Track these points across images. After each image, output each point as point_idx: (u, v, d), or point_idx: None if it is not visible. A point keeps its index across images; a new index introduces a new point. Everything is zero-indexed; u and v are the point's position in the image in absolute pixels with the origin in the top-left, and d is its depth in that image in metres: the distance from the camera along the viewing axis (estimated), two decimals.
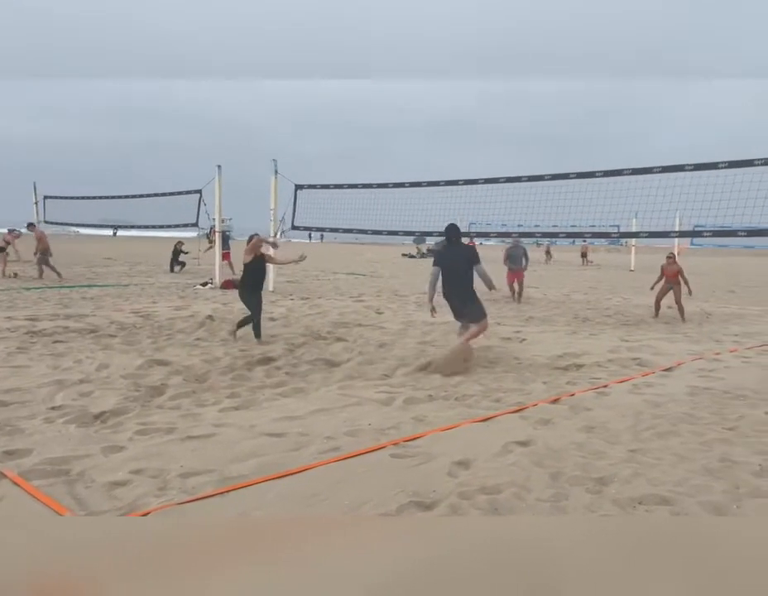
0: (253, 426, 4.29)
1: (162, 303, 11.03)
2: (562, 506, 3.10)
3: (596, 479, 3.43)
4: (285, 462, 3.63)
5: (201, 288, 13.98)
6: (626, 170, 9.71)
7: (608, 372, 6.28)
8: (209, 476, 3.40)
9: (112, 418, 4.42)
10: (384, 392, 5.28)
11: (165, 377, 5.56)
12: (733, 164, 8.73)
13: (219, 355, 6.49)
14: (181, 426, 4.26)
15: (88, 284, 14.38)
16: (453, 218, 12.03)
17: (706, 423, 4.53)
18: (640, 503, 3.14)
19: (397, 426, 4.36)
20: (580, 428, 4.37)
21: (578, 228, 11.90)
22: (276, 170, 13.69)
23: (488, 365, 6.52)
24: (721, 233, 11.06)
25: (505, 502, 3.12)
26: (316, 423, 4.40)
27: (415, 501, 3.11)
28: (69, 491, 3.17)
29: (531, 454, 3.81)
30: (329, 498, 3.15)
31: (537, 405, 4.95)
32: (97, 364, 5.94)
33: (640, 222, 11.79)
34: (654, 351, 7.46)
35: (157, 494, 3.16)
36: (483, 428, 4.38)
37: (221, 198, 14.47)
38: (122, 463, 3.55)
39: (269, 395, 5.19)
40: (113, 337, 7.45)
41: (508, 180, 10.99)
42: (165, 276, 17.33)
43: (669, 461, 3.73)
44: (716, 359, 7.02)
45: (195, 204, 15.21)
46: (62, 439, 3.94)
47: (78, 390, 5.06)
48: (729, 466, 3.66)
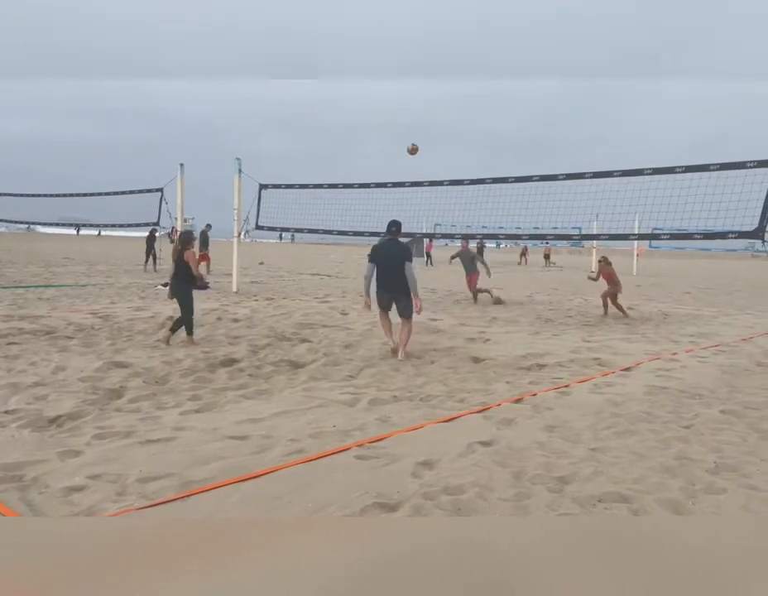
0: (215, 429, 4.23)
1: (122, 304, 10.80)
2: (524, 505, 3.14)
3: (557, 478, 3.48)
4: (249, 465, 3.58)
5: (162, 288, 13.73)
6: (588, 174, 9.90)
7: (570, 372, 6.38)
8: (170, 480, 3.33)
9: (69, 422, 4.29)
10: (349, 393, 5.27)
11: (125, 379, 5.44)
12: (690, 168, 8.98)
13: (180, 357, 6.38)
14: (141, 430, 4.17)
15: (45, 284, 13.98)
16: (419, 219, 12.07)
17: (663, 422, 4.64)
18: (599, 501, 3.20)
19: (362, 427, 4.35)
20: (542, 427, 4.43)
21: (541, 229, 12.07)
22: (240, 168, 13.54)
23: (452, 366, 6.57)
24: (678, 236, 11.36)
25: (468, 502, 3.14)
26: (280, 425, 4.36)
27: (379, 502, 3.10)
28: (22, 497, 3.07)
29: (494, 454, 3.84)
30: (293, 501, 3.12)
31: (500, 405, 5.00)
32: (53, 367, 5.77)
33: (601, 224, 12.05)
34: (613, 351, 7.62)
35: (115, 499, 3.08)
36: (447, 428, 4.40)
37: (183, 197, 14.24)
38: (78, 468, 3.45)
39: (232, 397, 5.12)
40: (71, 338, 7.26)
41: (473, 182, 11.09)
42: (125, 276, 16.98)
43: (628, 459, 3.81)
44: (673, 359, 7.21)
45: (157, 203, 14.94)
46: (15, 444, 3.81)
47: (32, 393, 4.91)
48: (685, 464, 3.75)
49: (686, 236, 10.27)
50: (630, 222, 10.50)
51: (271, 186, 13.57)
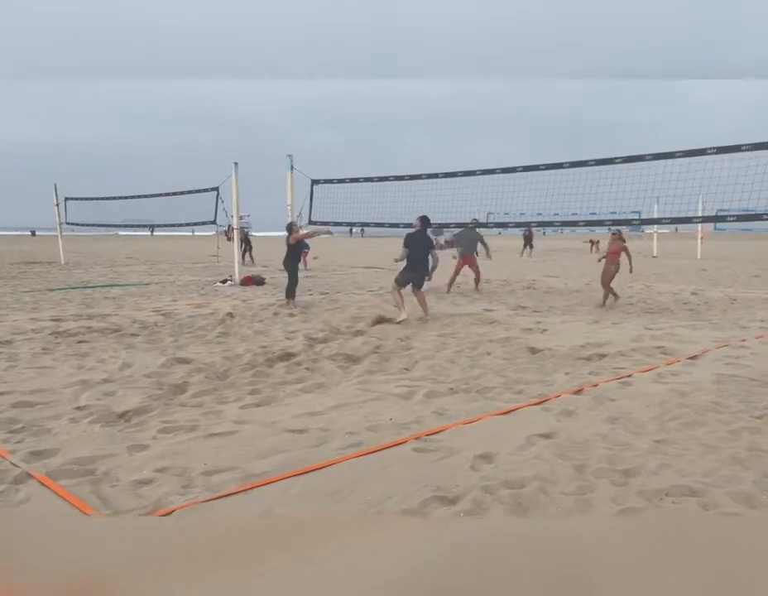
0: (275, 422, 4.30)
1: (182, 301, 11.12)
2: (587, 499, 3.06)
3: (621, 471, 3.38)
4: (308, 458, 3.63)
5: (221, 285, 14.07)
6: (648, 156, 9.55)
7: (632, 362, 6.19)
8: (232, 473, 3.41)
9: (136, 417, 4.46)
10: (404, 386, 5.27)
11: (187, 374, 5.60)
12: (758, 146, 8.53)
13: (240, 352, 6.52)
14: (203, 424, 4.29)
15: (110, 283, 14.56)
16: (472, 209, 11.96)
17: (733, 411, 4.44)
18: (667, 495, 3.09)
19: (419, 420, 4.34)
20: (604, 419, 4.31)
21: (598, 215, 11.72)
22: (292, 165, 13.69)
23: (509, 357, 6.47)
24: (745, 217, 10.82)
25: (529, 496, 3.09)
26: (338, 418, 4.40)
27: (438, 495, 3.09)
28: (94, 490, 3.21)
29: (555, 447, 3.76)
30: (352, 494, 3.14)
31: (560, 396, 4.90)
32: (120, 363, 6.00)
33: (662, 208, 11.61)
34: (678, 339, 7.34)
35: (181, 492, 3.18)
36: (506, 421, 4.34)
37: (238, 195, 14.52)
38: (146, 462, 3.57)
39: (290, 391, 5.20)
40: (136, 336, 7.53)
41: (525, 170, 10.86)
42: (186, 274, 17.48)
43: (697, 451, 3.67)
44: (742, 346, 6.89)
45: (213, 202, 15.28)
46: (87, 439, 3.98)
47: (102, 389, 5.12)
48: (758, 455, 3.59)
49: (754, 217, 9.77)
50: (693, 204, 10.07)
51: (323, 182, 13.68)
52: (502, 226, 14.20)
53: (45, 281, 15.32)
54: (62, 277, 16.33)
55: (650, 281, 14.72)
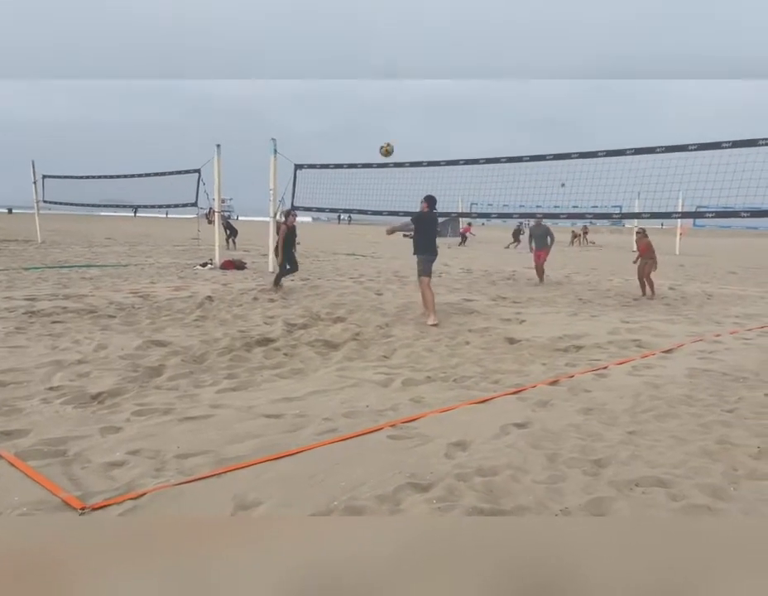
0: (251, 407, 4.28)
1: (161, 283, 11.00)
2: (558, 487, 3.09)
3: (593, 461, 3.42)
4: (283, 443, 3.62)
5: (201, 268, 13.94)
6: (629, 150, 9.61)
7: (608, 354, 6.26)
8: (206, 457, 3.39)
9: (110, 399, 4.41)
10: (382, 374, 5.27)
11: (164, 357, 5.55)
12: (737, 143, 8.63)
13: (218, 336, 6.47)
14: (179, 407, 4.25)
15: (88, 264, 14.35)
16: (455, 199, 11.98)
17: (705, 405, 4.52)
18: (636, 485, 3.14)
19: (395, 408, 4.35)
20: (578, 410, 4.36)
21: (579, 208, 11.80)
22: (276, 149, 13.56)
23: (487, 346, 6.51)
24: (724, 214, 10.96)
25: (501, 484, 3.11)
26: (314, 404, 4.40)
27: (412, 482, 3.10)
28: (65, 472, 3.16)
29: (529, 436, 3.80)
30: (326, 480, 3.14)
31: (536, 386, 4.94)
32: (95, 345, 5.92)
33: (643, 202, 11.71)
34: (654, 333, 7.44)
35: (154, 475, 3.15)
36: (481, 409, 4.37)
37: (220, 177, 14.36)
38: (118, 444, 3.54)
39: (267, 376, 5.18)
40: (112, 317, 7.43)
41: (509, 160, 10.87)
42: (165, 257, 17.29)
43: (667, 443, 3.73)
44: (716, 341, 7.00)
45: (194, 184, 15.09)
46: (59, 420, 3.93)
47: (76, 370, 5.05)
48: (727, 448, 3.65)
49: (732, 214, 9.91)
50: (673, 200, 10.18)
51: (306, 166, 13.57)
52: (485, 216, 14.24)
53: (21, 259, 15.05)
54: (38, 256, 16.06)
55: (628, 275, 14.87)
